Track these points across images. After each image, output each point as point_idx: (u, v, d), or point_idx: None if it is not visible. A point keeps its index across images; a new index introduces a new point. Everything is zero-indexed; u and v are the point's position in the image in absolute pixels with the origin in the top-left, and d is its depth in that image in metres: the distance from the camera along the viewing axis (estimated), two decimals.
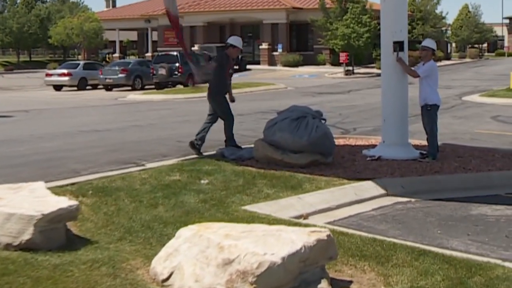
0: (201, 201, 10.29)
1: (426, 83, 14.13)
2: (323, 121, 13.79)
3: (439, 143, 14.83)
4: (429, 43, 14.58)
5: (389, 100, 14.64)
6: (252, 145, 14.22)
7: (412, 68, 14.64)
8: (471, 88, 40.04)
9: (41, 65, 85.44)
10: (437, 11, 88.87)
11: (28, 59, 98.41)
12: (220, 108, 15.29)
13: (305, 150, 13.18)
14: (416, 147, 15.31)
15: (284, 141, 13.24)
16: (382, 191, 11.82)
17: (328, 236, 6.85)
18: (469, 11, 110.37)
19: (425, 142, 14.60)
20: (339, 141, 16.63)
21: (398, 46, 14.36)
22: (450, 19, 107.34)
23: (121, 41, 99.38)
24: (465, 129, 20.97)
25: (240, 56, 65.34)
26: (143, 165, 13.68)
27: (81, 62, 52.54)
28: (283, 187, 11.31)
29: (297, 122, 13.35)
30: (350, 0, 60.92)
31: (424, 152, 14.35)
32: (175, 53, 47.81)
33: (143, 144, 17.58)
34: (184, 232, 7.11)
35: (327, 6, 64.06)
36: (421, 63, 14.49)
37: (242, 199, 10.53)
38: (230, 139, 14.95)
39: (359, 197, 11.44)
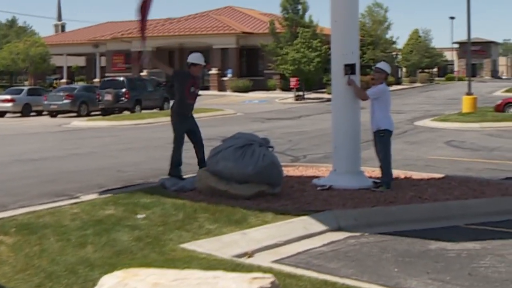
0: (135, 239, 9.33)
1: (378, 107, 13.40)
2: (270, 149, 12.91)
3: (393, 171, 14.10)
4: (383, 65, 13.87)
5: (339, 126, 13.85)
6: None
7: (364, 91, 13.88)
8: (423, 112, 39.66)
9: None
10: (388, 36, 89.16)
11: None
12: (173, 129, 14.32)
13: (251, 180, 12.30)
14: (369, 175, 14.58)
15: (229, 171, 12.36)
16: (334, 224, 10.95)
17: (272, 283, 5.95)
18: (419, 36, 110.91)
19: (378, 170, 13.81)
20: (288, 170, 15.82)
21: (349, 68, 13.60)
22: (400, 44, 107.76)
23: (69, 67, 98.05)
24: (418, 155, 20.30)
25: None
26: (77, 197, 12.70)
27: (25, 88, 51.34)
28: (227, 222, 10.40)
29: (243, 150, 12.47)
30: (301, 25, 60.64)
31: (378, 181, 13.58)
32: (121, 79, 46.82)
33: (81, 174, 16.61)
34: (108, 280, 6.14)
35: (277, 30, 63.79)
36: (373, 86, 13.76)
37: (181, 236, 9.59)
38: (172, 168, 13.97)
39: (308, 231, 10.55)
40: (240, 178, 12.31)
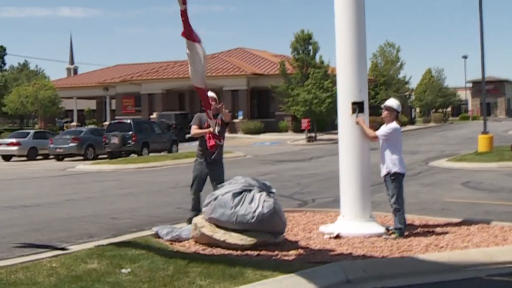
0: None
1: (388, 148, 12.36)
2: (271, 194, 11.83)
3: (407, 215, 13.03)
4: (392, 103, 12.82)
5: (347, 168, 12.81)
6: None
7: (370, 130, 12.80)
8: (438, 152, 38.56)
9: None
10: (400, 76, 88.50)
11: None
12: (224, 171, 13.92)
13: (251, 229, 11.24)
14: (381, 221, 13.51)
15: (226, 219, 11.30)
16: (341, 277, 9.82)
17: None
18: (432, 76, 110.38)
19: (391, 215, 12.72)
20: (294, 215, 14.84)
21: (357, 107, 12.58)
22: (413, 84, 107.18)
23: (81, 110, 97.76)
24: (434, 197, 19.17)
25: None
26: (62, 248, 11.61)
27: (32, 131, 50.55)
28: (221, 277, 9.29)
29: (241, 196, 11.42)
30: (311, 66, 59.91)
31: (390, 228, 12.49)
32: (128, 121, 45.97)
33: (72, 222, 15.61)
34: None
35: (288, 72, 63.11)
36: (383, 125, 12.72)
37: None
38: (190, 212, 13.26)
39: (312, 286, 9.45)
40: (239, 227, 11.26)
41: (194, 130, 13.71)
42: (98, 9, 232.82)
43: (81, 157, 43.72)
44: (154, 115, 67.77)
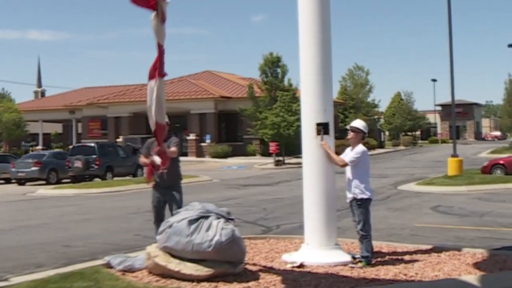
0: None
1: (356, 172, 11.68)
2: (230, 221, 11.08)
3: (374, 242, 12.35)
4: (358, 123, 12.14)
5: (311, 193, 12.12)
6: None
7: (340, 157, 12.06)
8: (407, 176, 38.04)
9: None
10: (370, 99, 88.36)
11: None
12: (181, 196, 12.62)
13: (208, 259, 10.47)
14: (348, 248, 12.83)
15: (181, 248, 10.53)
16: None
17: None
18: (401, 99, 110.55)
19: (358, 241, 12.01)
20: (256, 243, 14.09)
21: (322, 128, 11.90)
22: (382, 107, 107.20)
23: (48, 134, 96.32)
24: (403, 223, 18.54)
25: None
26: (5, 279, 10.78)
27: None
28: None
29: (198, 223, 10.66)
30: (280, 88, 59.44)
31: (357, 256, 11.79)
32: (92, 145, 45.09)
33: (21, 250, 14.78)
34: None
35: (256, 94, 62.60)
36: (349, 149, 12.03)
37: None
38: None
39: None
40: (195, 256, 10.48)
41: (141, 159, 12.88)
42: (67, 32, 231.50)
43: (44, 182, 42.62)
44: (120, 139, 66.80)
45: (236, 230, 10.92)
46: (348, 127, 12.40)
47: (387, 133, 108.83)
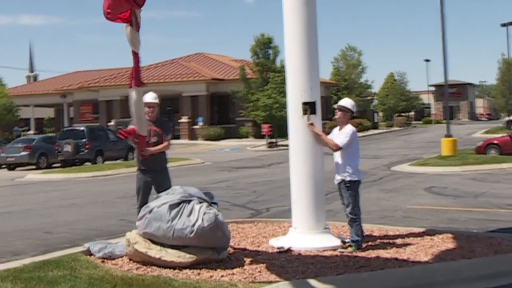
0: None
1: (345, 153, 11.20)
2: (213, 206, 10.62)
3: (366, 225, 11.92)
4: (347, 103, 11.64)
5: (299, 176, 11.66)
6: None
7: (328, 137, 11.56)
8: (400, 157, 37.60)
9: None
10: (362, 80, 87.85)
11: None
12: (170, 181, 12.09)
13: (190, 245, 10.01)
14: (338, 232, 12.40)
15: (162, 234, 10.07)
16: None
17: None
18: (394, 79, 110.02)
19: (348, 226, 11.57)
20: (243, 227, 13.68)
21: (308, 107, 11.41)
22: (376, 88, 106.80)
23: (41, 118, 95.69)
24: (395, 204, 18.12)
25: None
26: None
27: None
28: None
29: (179, 208, 10.19)
30: (272, 70, 58.91)
31: (346, 240, 11.35)
32: (81, 128, 44.51)
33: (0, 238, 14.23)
34: None
35: (248, 76, 62.08)
36: (336, 129, 11.54)
37: None
38: None
39: None
40: (176, 242, 10.03)
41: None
42: (59, 17, 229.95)
43: (34, 166, 42.12)
44: (112, 123, 66.26)
45: (220, 215, 10.45)
46: (335, 106, 11.89)
47: (380, 114, 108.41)
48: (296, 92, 11.57)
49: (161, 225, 10.08)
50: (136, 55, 10.07)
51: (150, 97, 12.05)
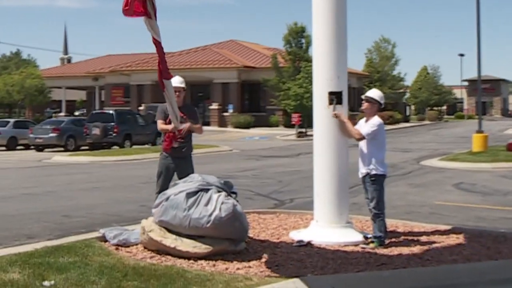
0: None
1: (370, 146, 10.81)
2: (232, 195, 10.29)
3: (391, 220, 11.55)
4: (374, 94, 11.25)
5: (322, 167, 11.30)
6: None
7: (355, 127, 11.18)
8: (431, 151, 37.04)
9: None
10: (395, 72, 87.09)
11: None
12: (193, 168, 11.86)
13: (206, 235, 9.71)
14: (361, 226, 12.04)
15: (178, 222, 9.77)
16: None
17: None
18: (428, 73, 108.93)
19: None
20: (265, 218, 13.35)
21: (335, 97, 11.03)
22: (408, 81, 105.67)
23: (73, 101, 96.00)
24: (423, 200, 17.68)
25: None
26: None
27: (12, 120, 48.64)
28: None
29: (196, 196, 9.88)
30: (304, 59, 58.48)
31: (369, 235, 10.97)
32: (110, 112, 44.46)
33: (16, 220, 14.14)
34: None
35: (280, 65, 61.70)
36: (363, 120, 11.15)
37: None
38: None
39: None
40: (193, 232, 9.73)
41: (160, 125, 12.11)
42: (96, 0, 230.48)
43: (62, 148, 42.09)
44: (142, 107, 66.16)
45: (238, 205, 10.14)
46: (362, 97, 11.50)
47: (412, 107, 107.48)
48: (323, 81, 11.22)
49: (177, 214, 9.78)
50: (158, 45, 9.73)
51: (176, 81, 11.77)
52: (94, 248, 10.04)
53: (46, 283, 8.05)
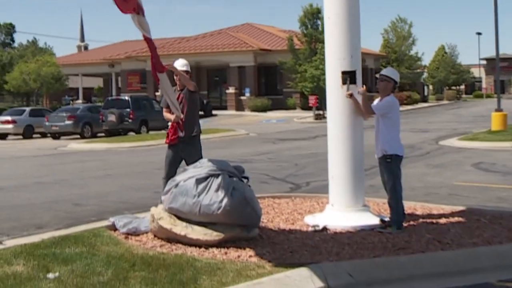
0: None
1: (384, 125, 10.44)
2: (244, 181, 9.97)
3: (409, 202, 11.19)
4: (389, 72, 10.87)
5: (336, 149, 10.95)
6: None
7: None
8: (449, 131, 36.55)
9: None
10: (412, 52, 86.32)
11: None
12: (201, 153, 11.59)
13: (218, 222, 9.40)
14: (378, 209, 11.71)
15: (188, 209, 9.46)
16: (321, 283, 8.02)
17: None
18: (445, 52, 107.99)
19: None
20: (280, 202, 13.05)
21: (348, 77, 10.67)
22: (426, 60, 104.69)
23: (90, 88, 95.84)
24: (441, 180, 17.31)
25: (205, 101, 62.04)
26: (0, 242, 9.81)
27: (27, 109, 48.54)
28: (167, 284, 7.49)
29: (207, 182, 9.56)
30: (320, 41, 57.93)
31: (386, 219, 10.62)
32: (126, 98, 44.26)
33: (27, 209, 13.88)
34: None
35: (296, 47, 61.27)
36: (377, 100, 10.79)
37: None
38: None
39: None
40: (203, 219, 9.42)
41: (165, 113, 11.87)
42: None
43: (78, 136, 41.95)
44: (158, 92, 65.86)
45: (250, 190, 9.83)
46: (377, 75, 11.13)
47: (430, 87, 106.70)
48: (335, 60, 10.86)
49: (187, 200, 9.48)
50: (149, 41, 9.46)
51: (178, 64, 11.50)
52: (102, 237, 9.76)
53: (50, 275, 7.78)
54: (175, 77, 11.29)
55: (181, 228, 9.44)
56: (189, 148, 11.48)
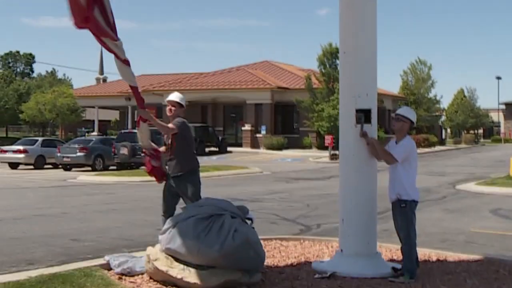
0: None
1: (403, 169, 9.77)
2: (248, 222, 9.34)
3: (423, 249, 10.53)
4: (406, 111, 10.24)
5: (348, 191, 10.33)
6: None
7: (385, 149, 10.17)
8: (467, 175, 35.81)
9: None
10: (431, 95, 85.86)
11: (4, 135, 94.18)
12: (198, 190, 10.94)
13: (218, 265, 8.77)
14: (390, 256, 11.06)
15: (186, 251, 8.84)
16: None
17: None
18: (464, 96, 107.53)
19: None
20: (287, 245, 12.45)
21: (363, 116, 10.06)
22: (444, 103, 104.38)
23: (107, 120, 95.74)
24: (458, 227, 16.62)
25: (220, 137, 61.65)
26: None
27: (40, 139, 48.12)
28: None
29: (208, 222, 8.95)
30: (338, 80, 57.48)
31: (398, 268, 9.94)
32: None
33: (21, 243, 13.29)
34: None
35: (314, 86, 60.97)
36: (393, 141, 10.12)
37: None
38: None
39: None
40: (202, 261, 8.80)
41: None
42: (133, 21, 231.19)
43: (89, 168, 41.45)
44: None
45: (253, 232, 9.20)
46: (393, 115, 10.50)
47: (448, 130, 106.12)
48: (349, 98, 10.27)
49: (185, 241, 8.86)
50: (135, 89, 9.27)
51: (172, 96, 11.22)
52: (94, 277, 9.12)
53: None
54: (168, 107, 10.93)
55: (178, 271, 8.81)
56: (183, 184, 10.90)
